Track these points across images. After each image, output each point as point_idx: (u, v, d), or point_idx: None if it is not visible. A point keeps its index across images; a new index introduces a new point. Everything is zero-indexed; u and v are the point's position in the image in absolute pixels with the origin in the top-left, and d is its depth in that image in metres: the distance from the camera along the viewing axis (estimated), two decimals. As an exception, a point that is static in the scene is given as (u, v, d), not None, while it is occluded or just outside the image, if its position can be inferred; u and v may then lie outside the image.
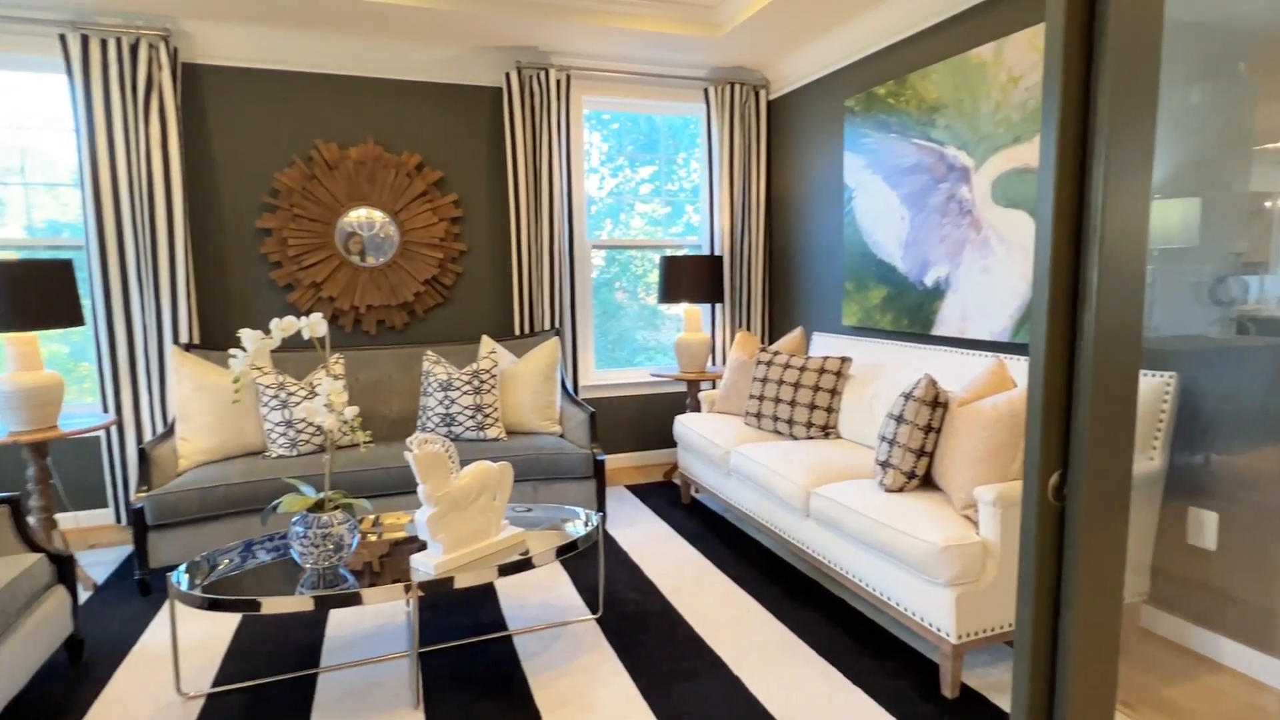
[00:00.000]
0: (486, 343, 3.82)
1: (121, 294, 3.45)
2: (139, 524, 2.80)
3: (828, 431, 3.35)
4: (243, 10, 3.32)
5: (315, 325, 2.06)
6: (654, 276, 4.68)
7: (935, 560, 2.05)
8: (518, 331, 4.13)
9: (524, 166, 4.02)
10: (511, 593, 2.81)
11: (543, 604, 2.71)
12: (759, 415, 3.49)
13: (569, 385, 4.02)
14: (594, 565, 3.06)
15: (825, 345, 3.86)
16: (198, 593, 2.00)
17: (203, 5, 3.26)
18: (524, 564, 2.21)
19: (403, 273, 3.98)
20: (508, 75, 3.93)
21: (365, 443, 1.89)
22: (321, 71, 3.76)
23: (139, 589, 2.85)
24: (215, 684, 2.22)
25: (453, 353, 3.90)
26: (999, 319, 2.93)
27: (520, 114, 3.97)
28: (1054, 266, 0.85)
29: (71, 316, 2.78)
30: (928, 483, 2.54)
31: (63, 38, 3.26)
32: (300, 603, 1.97)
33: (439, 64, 3.92)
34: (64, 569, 2.30)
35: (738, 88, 4.38)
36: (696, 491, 4.12)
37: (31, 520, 2.85)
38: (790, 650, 2.36)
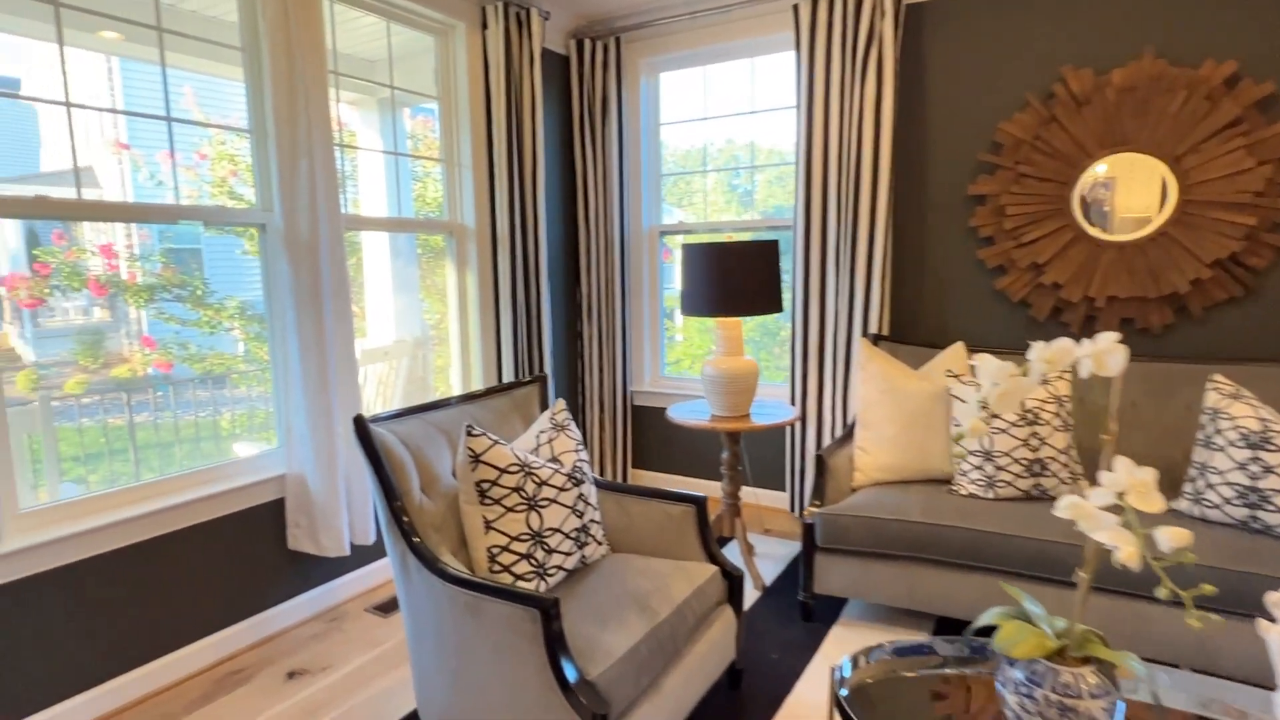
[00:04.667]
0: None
1: (819, 276, 3.22)
2: (808, 540, 2.45)
3: None
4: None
5: (1106, 357, 1.11)
6: None
7: None
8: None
9: None
10: None
11: None
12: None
13: None
14: None
15: None
16: (843, 695, 1.38)
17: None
18: None
19: (1175, 248, 2.63)
20: None
21: (1193, 615, 0.89)
22: (1081, -31, 2.70)
23: (801, 612, 2.54)
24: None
25: (1260, 378, 2.39)
26: None
27: None
28: None
29: (771, 301, 2.58)
30: None
31: (795, 8, 3.11)
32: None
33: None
34: (733, 587, 2.05)
35: None
36: None
37: (719, 502, 2.85)
38: None
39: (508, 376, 3.34)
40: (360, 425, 1.73)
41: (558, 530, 1.82)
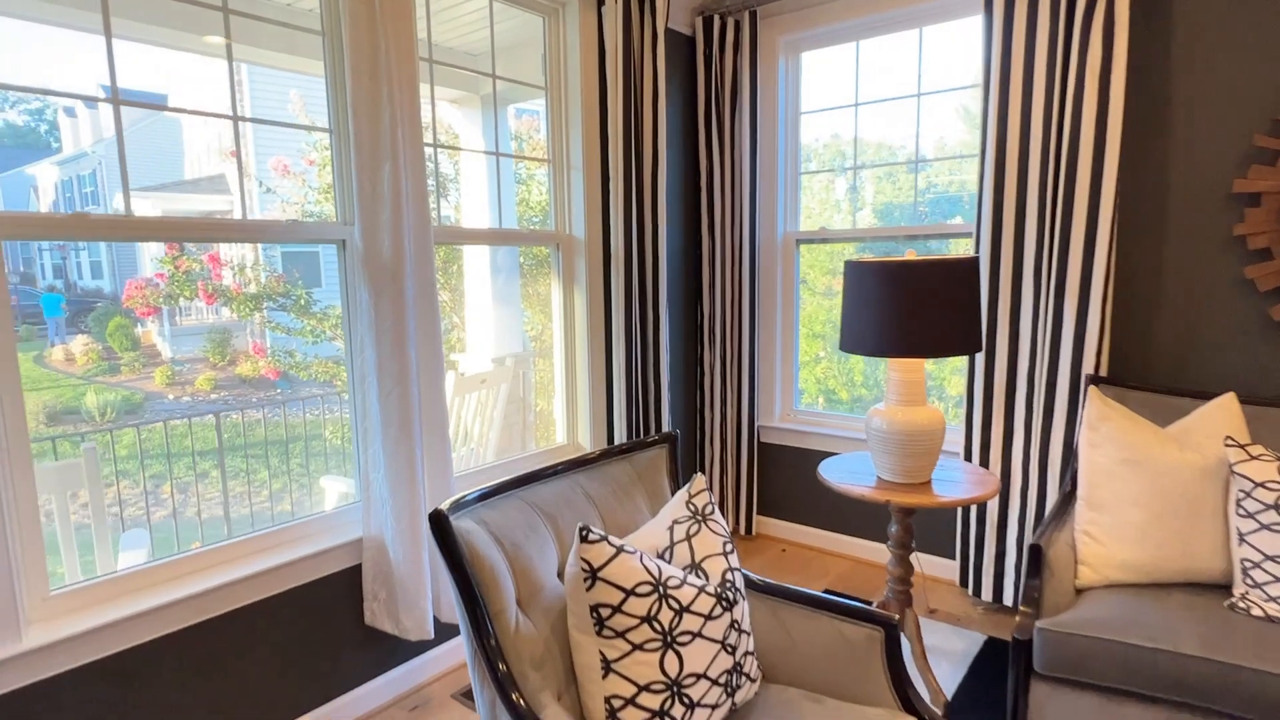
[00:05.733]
0: None
1: (1010, 298, 2.55)
2: (1021, 660, 1.82)
3: None
4: None
5: None
6: None
7: None
8: None
9: None
10: None
11: None
12: None
13: None
14: None
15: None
16: None
17: None
18: None
19: None
20: None
21: None
22: None
23: (1006, 753, 1.91)
24: None
25: None
26: None
27: None
28: None
29: (970, 338, 1.96)
30: None
31: (986, -42, 2.46)
32: None
33: None
34: (936, 748, 1.47)
35: None
36: None
37: (888, 586, 2.25)
38: None
39: (619, 411, 2.87)
40: (440, 524, 1.27)
41: (703, 676, 1.30)
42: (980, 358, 2.62)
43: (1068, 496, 2.22)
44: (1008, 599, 2.65)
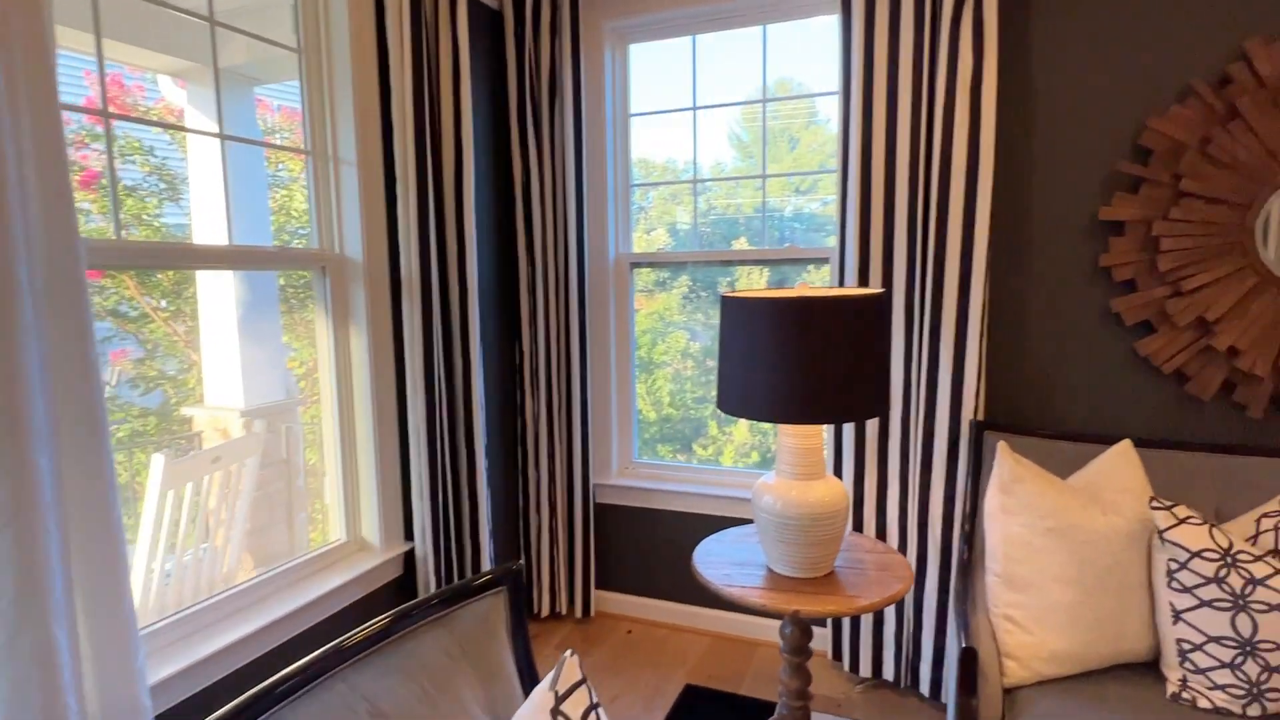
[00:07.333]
0: None
1: (880, 333, 2.25)
2: (962, 802, 1.44)
3: None
4: None
5: None
6: None
7: None
8: None
9: None
10: None
11: None
12: None
13: None
14: None
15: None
16: None
17: None
18: None
19: None
20: None
21: None
22: (1268, -97, 1.88)
23: None
24: None
25: None
26: None
27: None
28: None
29: (879, 396, 1.55)
30: None
31: (843, -53, 2.15)
32: None
33: None
34: None
35: None
36: None
37: None
38: None
39: (419, 488, 2.15)
40: None
41: None
42: (850, 401, 2.30)
43: (966, 566, 1.93)
44: (888, 673, 2.34)
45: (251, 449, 2.45)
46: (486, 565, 2.35)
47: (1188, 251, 1.99)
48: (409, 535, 2.25)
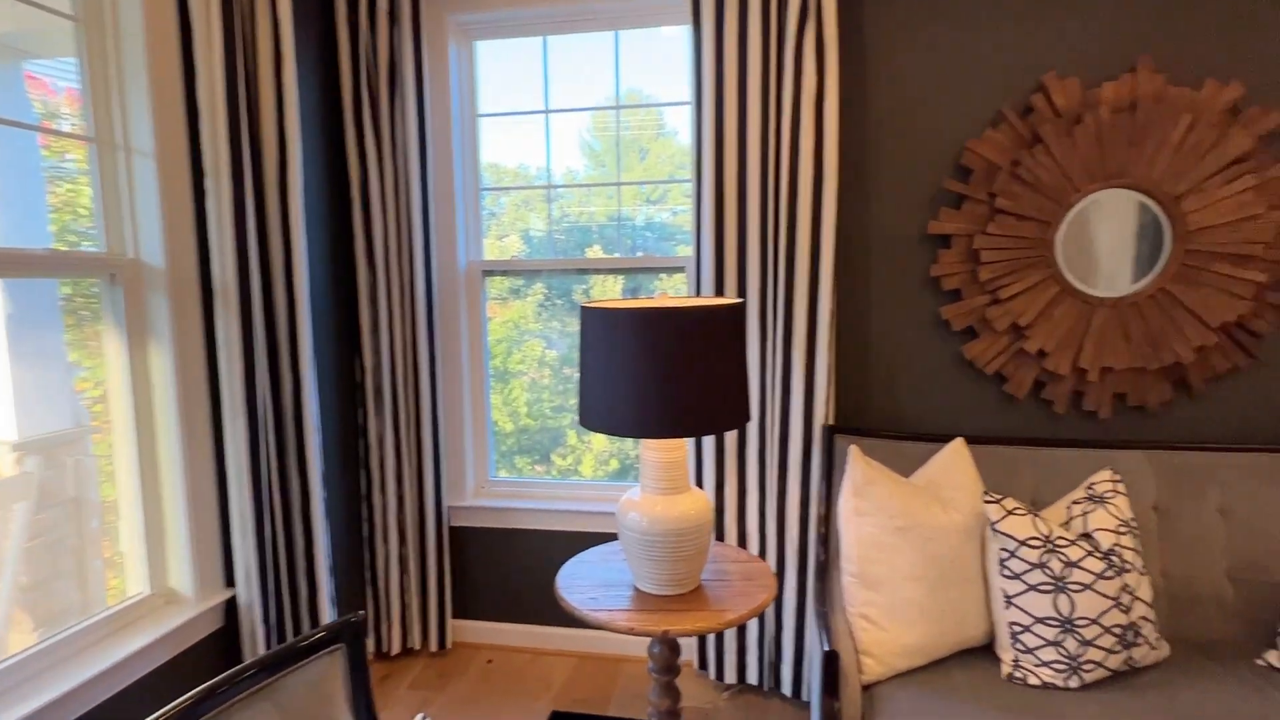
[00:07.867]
0: None
1: (737, 342, 2.28)
2: (830, 806, 1.46)
3: None
4: None
5: None
6: None
7: None
8: None
9: None
10: None
11: None
12: None
13: None
14: None
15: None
16: None
17: None
18: None
19: (1176, 309, 2.13)
20: None
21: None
22: (1059, -47, 2.11)
23: None
24: None
25: (1260, 470, 1.93)
26: None
27: None
28: None
29: (740, 407, 1.55)
30: None
31: (693, -42, 2.16)
32: None
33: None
34: None
35: None
36: None
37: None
38: None
39: (242, 526, 1.89)
40: None
41: None
42: (710, 410, 2.30)
43: (823, 568, 1.98)
44: (751, 678, 2.37)
45: (21, 492, 2.04)
46: (325, 606, 2.11)
47: (1003, 264, 2.19)
48: (230, 581, 1.97)
